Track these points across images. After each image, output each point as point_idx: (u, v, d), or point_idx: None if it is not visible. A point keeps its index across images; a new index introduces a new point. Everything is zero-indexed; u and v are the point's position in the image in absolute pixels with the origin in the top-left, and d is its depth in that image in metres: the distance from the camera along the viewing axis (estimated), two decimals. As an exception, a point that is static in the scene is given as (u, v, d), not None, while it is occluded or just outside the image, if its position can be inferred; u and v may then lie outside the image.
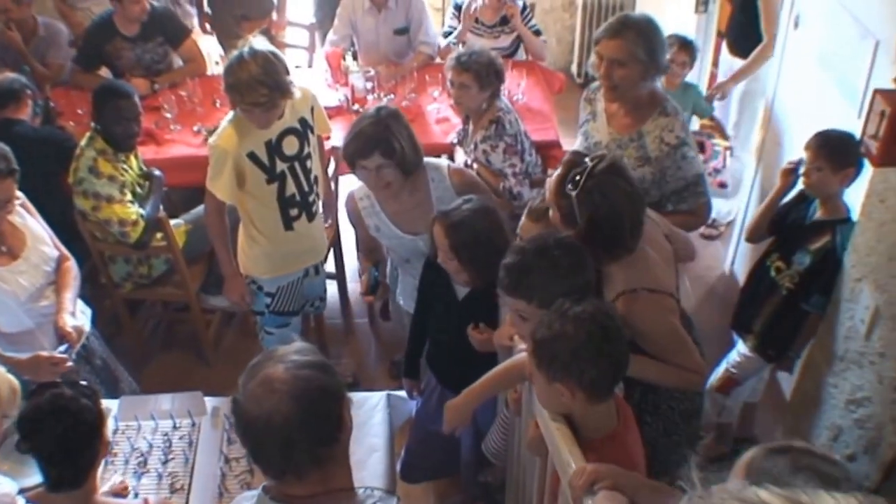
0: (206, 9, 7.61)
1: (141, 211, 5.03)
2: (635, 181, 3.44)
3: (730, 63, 6.61)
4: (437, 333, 4.12)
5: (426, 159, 4.32)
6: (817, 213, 4.24)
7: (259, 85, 4.20)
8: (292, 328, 5.09)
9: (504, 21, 6.59)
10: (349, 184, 5.49)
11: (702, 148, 6.14)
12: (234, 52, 4.33)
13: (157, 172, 5.38)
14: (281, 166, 4.54)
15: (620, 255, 3.34)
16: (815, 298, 4.16)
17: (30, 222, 4.12)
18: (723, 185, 6.79)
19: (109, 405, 3.71)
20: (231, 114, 4.49)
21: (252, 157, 4.44)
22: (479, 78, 4.97)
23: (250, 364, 2.37)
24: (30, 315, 4.05)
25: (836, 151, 4.10)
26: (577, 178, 3.25)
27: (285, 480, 2.32)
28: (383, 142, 4.04)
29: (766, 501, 1.18)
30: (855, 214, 3.93)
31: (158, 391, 4.17)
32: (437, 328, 4.10)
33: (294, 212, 4.71)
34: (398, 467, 4.47)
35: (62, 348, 3.94)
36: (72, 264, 4.27)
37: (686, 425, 3.77)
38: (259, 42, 4.43)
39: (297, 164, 4.61)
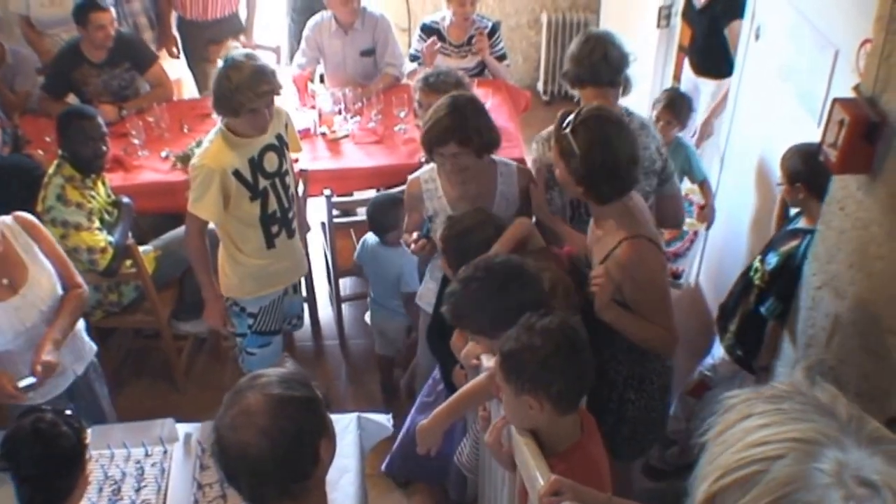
0: (175, 33, 7.60)
1: (109, 238, 5.03)
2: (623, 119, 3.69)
3: (693, 81, 6.66)
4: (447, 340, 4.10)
5: (497, 158, 4.36)
6: (801, 220, 4.31)
7: (262, 75, 4.34)
8: (273, 348, 5.11)
9: (472, 40, 6.62)
10: (318, 206, 5.55)
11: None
12: (220, 66, 4.41)
13: (125, 199, 5.38)
14: (263, 183, 4.58)
15: (622, 190, 3.52)
16: (771, 302, 4.20)
17: (38, 255, 3.95)
18: (676, 276, 6.17)
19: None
20: (213, 134, 4.51)
21: (237, 175, 4.46)
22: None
23: (236, 386, 2.38)
24: (13, 342, 3.97)
25: (791, 164, 4.21)
26: (567, 118, 3.49)
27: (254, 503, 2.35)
28: (458, 130, 4.08)
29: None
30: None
31: (131, 419, 4.17)
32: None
33: (275, 229, 4.73)
34: (384, 464, 4.56)
35: (27, 382, 3.79)
36: (80, 293, 4.10)
37: (661, 402, 3.94)
38: (235, 50, 4.56)
39: (277, 181, 4.65)
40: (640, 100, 6.12)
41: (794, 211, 4.49)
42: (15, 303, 3.83)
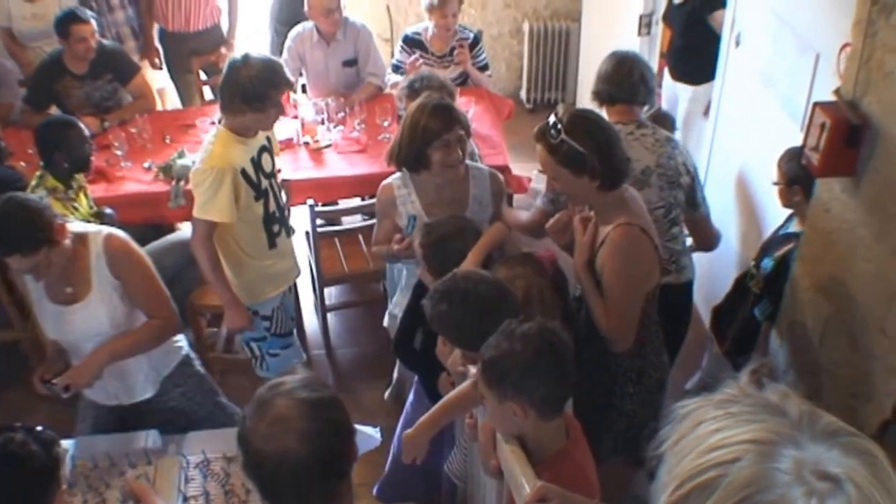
0: (157, 45, 7.60)
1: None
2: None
3: (672, 87, 6.69)
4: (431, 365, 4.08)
5: (468, 162, 4.38)
6: (793, 224, 4.33)
7: (276, 67, 4.41)
8: (294, 349, 5.12)
9: (454, 51, 6.64)
10: (302, 215, 5.53)
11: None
12: (233, 59, 4.42)
13: (108, 210, 5.36)
14: (264, 183, 4.58)
15: (628, 166, 3.67)
16: (763, 304, 4.24)
17: (107, 287, 3.79)
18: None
19: (66, 446, 3.69)
20: (211, 137, 4.47)
21: (244, 174, 4.45)
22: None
23: (257, 397, 2.38)
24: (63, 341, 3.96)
25: (788, 167, 4.23)
26: (555, 126, 3.49)
27: None
28: (460, 114, 4.16)
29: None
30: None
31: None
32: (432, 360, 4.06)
33: (276, 228, 4.74)
34: (375, 489, 4.51)
35: (55, 389, 3.78)
36: (157, 323, 3.92)
37: (658, 395, 3.97)
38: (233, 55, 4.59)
39: (272, 181, 4.67)
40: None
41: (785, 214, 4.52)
42: (69, 311, 3.80)
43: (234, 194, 4.41)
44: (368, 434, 4.07)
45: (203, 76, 7.64)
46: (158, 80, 7.60)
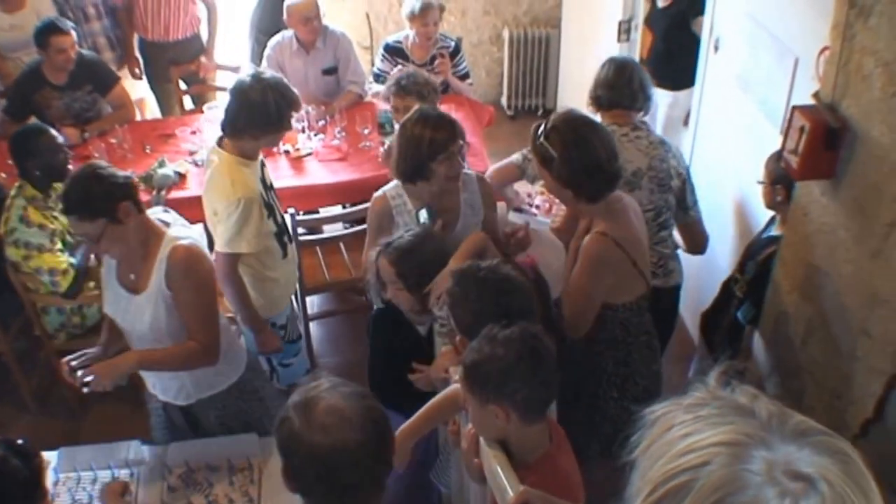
0: (137, 54, 7.59)
1: (71, 260, 5.00)
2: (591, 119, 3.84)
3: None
4: (406, 370, 4.05)
5: None
6: (775, 227, 4.34)
7: (288, 84, 4.44)
8: (302, 355, 5.17)
9: (435, 60, 6.64)
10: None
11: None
12: (242, 82, 4.39)
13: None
14: (270, 196, 4.60)
15: (610, 183, 3.66)
16: (746, 307, 4.27)
17: (158, 295, 3.68)
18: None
19: (49, 457, 3.68)
20: (220, 164, 4.40)
21: (260, 195, 4.45)
22: (421, 98, 5.13)
23: (298, 400, 2.42)
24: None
25: (774, 165, 4.21)
26: (541, 128, 3.61)
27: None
28: (459, 124, 4.18)
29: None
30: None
31: (97, 441, 4.12)
32: (407, 371, 4.04)
33: (285, 238, 4.76)
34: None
35: (86, 378, 3.67)
36: (193, 346, 3.75)
37: (646, 405, 3.88)
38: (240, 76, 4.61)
39: (273, 193, 4.70)
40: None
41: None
42: (125, 297, 3.78)
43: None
44: None
45: (182, 85, 7.62)
46: (137, 90, 7.58)
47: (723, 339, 4.50)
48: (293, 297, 5.29)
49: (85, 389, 3.67)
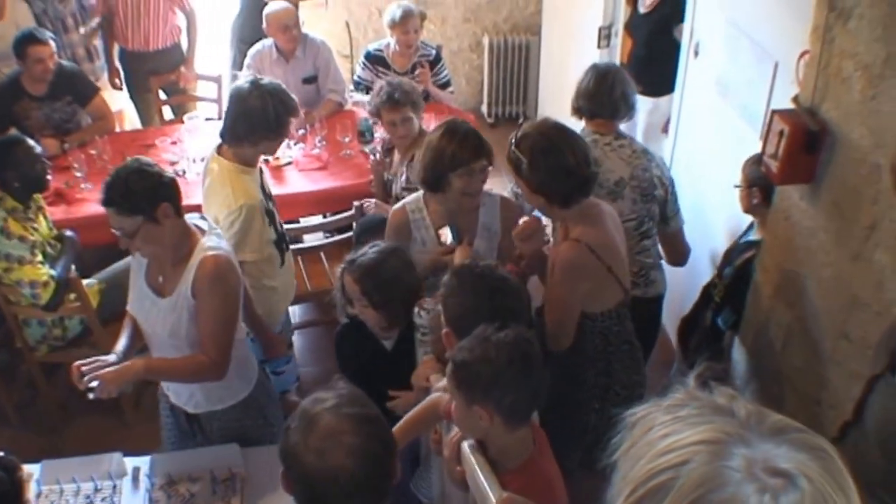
0: (117, 65, 7.57)
1: (52, 272, 4.97)
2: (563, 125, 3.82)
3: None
4: (374, 391, 4.01)
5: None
6: (754, 232, 4.36)
7: (287, 91, 4.48)
8: (293, 362, 5.22)
9: (415, 69, 6.65)
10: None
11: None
12: (240, 87, 4.40)
13: (69, 233, 5.33)
14: (269, 204, 4.61)
15: (582, 188, 3.67)
16: (726, 313, 4.27)
17: (183, 303, 3.66)
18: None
19: (31, 470, 3.66)
20: (223, 171, 4.41)
21: (261, 204, 4.45)
22: (415, 106, 5.23)
23: (302, 412, 2.38)
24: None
25: (750, 168, 4.24)
26: (514, 136, 3.66)
27: None
28: (486, 142, 4.16)
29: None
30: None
31: (79, 453, 4.10)
32: (373, 386, 4.00)
33: (283, 246, 4.77)
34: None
35: (92, 383, 3.63)
36: (202, 360, 3.69)
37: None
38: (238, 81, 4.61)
39: (272, 201, 4.70)
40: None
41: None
42: (150, 298, 3.77)
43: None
44: None
45: (163, 95, 7.60)
46: (117, 101, 7.56)
47: (699, 343, 4.49)
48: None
49: (91, 395, 3.64)
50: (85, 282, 5.16)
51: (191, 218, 3.77)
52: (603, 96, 4.47)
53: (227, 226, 4.29)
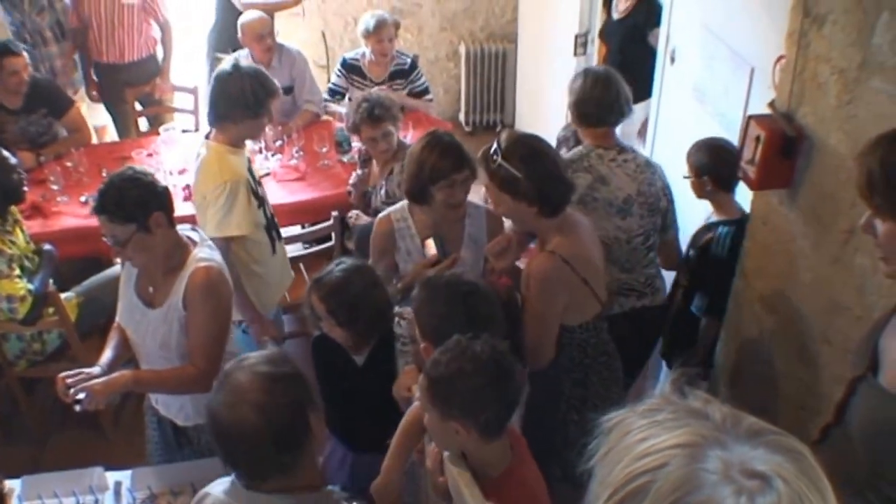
0: (94, 77, 7.53)
1: (29, 286, 4.94)
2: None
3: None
4: (346, 402, 4.02)
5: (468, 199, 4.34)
6: (713, 215, 4.40)
7: (266, 74, 4.55)
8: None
9: (392, 77, 6.65)
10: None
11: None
12: (221, 70, 4.46)
13: (47, 247, 5.30)
14: (260, 189, 4.66)
15: (568, 194, 3.64)
16: (697, 299, 4.31)
17: (174, 314, 3.66)
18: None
19: (13, 485, 3.64)
20: (205, 153, 4.48)
21: (247, 182, 4.48)
22: (394, 120, 5.21)
23: (224, 371, 2.57)
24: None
25: (695, 158, 4.33)
26: (494, 151, 3.55)
27: (252, 480, 2.51)
28: (468, 154, 4.13)
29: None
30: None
31: (60, 467, 4.08)
32: (345, 397, 4.01)
33: (273, 233, 4.79)
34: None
35: (79, 395, 3.61)
36: (191, 371, 3.66)
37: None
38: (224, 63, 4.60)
39: (261, 187, 4.74)
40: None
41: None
42: (139, 309, 3.75)
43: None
44: None
45: (138, 107, 7.57)
46: (101, 116, 7.56)
47: (672, 334, 4.53)
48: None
49: (77, 407, 3.62)
50: (63, 295, 5.12)
51: (182, 229, 3.77)
52: (612, 102, 4.35)
53: (213, 200, 4.36)
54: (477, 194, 4.48)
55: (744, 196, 4.15)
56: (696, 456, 1.23)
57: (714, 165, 4.19)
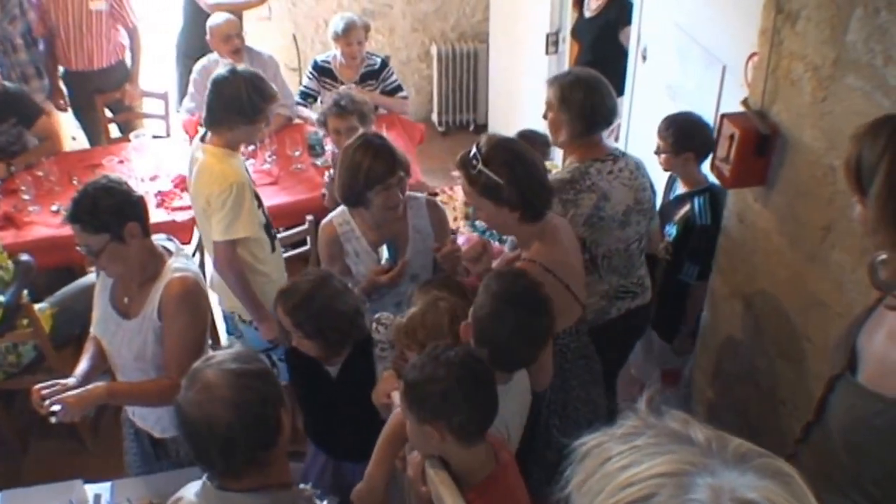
0: (62, 86, 7.48)
1: (0, 298, 4.89)
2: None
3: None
4: (322, 412, 4.01)
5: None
6: (680, 186, 4.46)
7: (264, 78, 4.55)
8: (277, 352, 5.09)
9: (363, 79, 6.63)
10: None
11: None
12: (218, 75, 4.46)
13: (25, 258, 5.25)
14: (257, 190, 4.64)
15: (550, 199, 3.60)
16: (687, 267, 4.35)
17: (149, 323, 3.63)
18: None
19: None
20: (204, 158, 4.44)
21: (249, 183, 4.50)
22: (362, 116, 5.22)
23: (192, 369, 2.56)
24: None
25: (675, 137, 4.35)
26: (475, 156, 3.49)
27: (225, 478, 2.52)
28: (400, 154, 4.10)
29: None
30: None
31: (39, 481, 4.05)
32: (321, 407, 3.99)
33: (271, 232, 4.79)
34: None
35: (54, 408, 3.55)
36: (167, 384, 3.53)
37: (590, 430, 3.83)
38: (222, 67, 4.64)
39: (255, 189, 4.70)
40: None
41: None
42: (114, 320, 3.72)
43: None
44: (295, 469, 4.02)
45: (109, 114, 7.51)
46: (72, 127, 7.49)
47: (659, 304, 4.56)
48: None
49: (52, 419, 3.57)
50: (37, 306, 5.08)
51: (158, 239, 3.74)
52: (612, 106, 4.16)
53: (220, 206, 4.34)
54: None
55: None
56: (684, 485, 1.18)
57: (693, 141, 4.23)
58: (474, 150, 3.51)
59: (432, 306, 3.38)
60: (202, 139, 4.53)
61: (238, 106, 4.33)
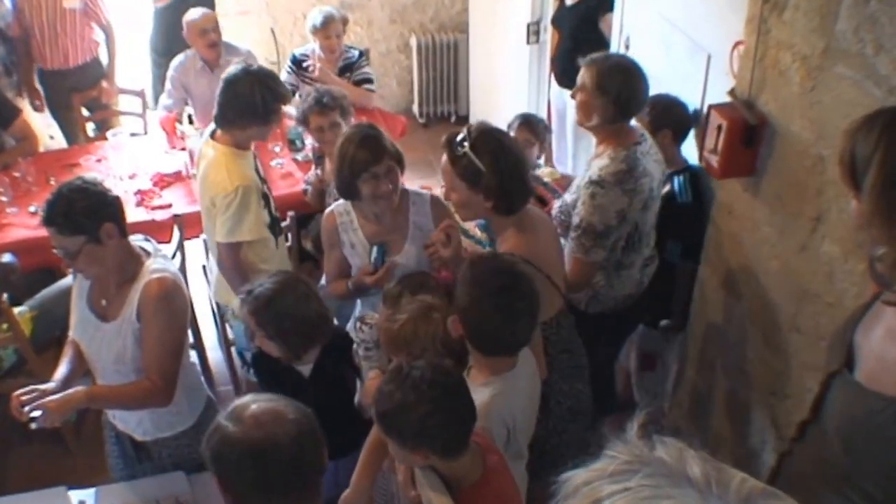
0: (37, 85, 7.42)
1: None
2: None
3: (560, 94, 6.66)
4: None
5: (410, 188, 4.27)
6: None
7: (278, 77, 4.54)
8: None
9: (342, 72, 6.60)
10: (197, 249, 5.41)
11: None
12: (231, 74, 4.41)
13: (7, 259, 5.18)
14: (264, 187, 4.63)
15: (527, 193, 3.59)
16: (670, 245, 4.31)
17: (128, 324, 3.57)
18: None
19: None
20: (214, 156, 4.42)
21: (256, 185, 4.46)
22: (343, 111, 5.22)
23: (227, 412, 2.51)
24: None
25: (651, 115, 4.32)
26: (462, 139, 3.48)
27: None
28: (389, 144, 4.04)
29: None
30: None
31: (21, 488, 4.02)
32: None
33: (277, 229, 4.78)
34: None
35: (34, 413, 3.49)
36: (147, 386, 3.56)
37: (573, 423, 3.86)
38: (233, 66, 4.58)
39: (266, 185, 4.71)
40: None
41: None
42: (93, 323, 3.66)
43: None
44: None
45: (86, 112, 7.45)
46: (49, 128, 7.43)
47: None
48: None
49: (33, 425, 3.53)
50: (16, 310, 5.03)
51: (136, 239, 3.68)
52: (642, 95, 4.02)
53: (224, 208, 4.33)
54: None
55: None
56: None
57: (670, 117, 4.22)
58: (464, 132, 3.50)
59: (424, 318, 3.33)
60: (212, 135, 4.50)
61: (251, 106, 4.31)
